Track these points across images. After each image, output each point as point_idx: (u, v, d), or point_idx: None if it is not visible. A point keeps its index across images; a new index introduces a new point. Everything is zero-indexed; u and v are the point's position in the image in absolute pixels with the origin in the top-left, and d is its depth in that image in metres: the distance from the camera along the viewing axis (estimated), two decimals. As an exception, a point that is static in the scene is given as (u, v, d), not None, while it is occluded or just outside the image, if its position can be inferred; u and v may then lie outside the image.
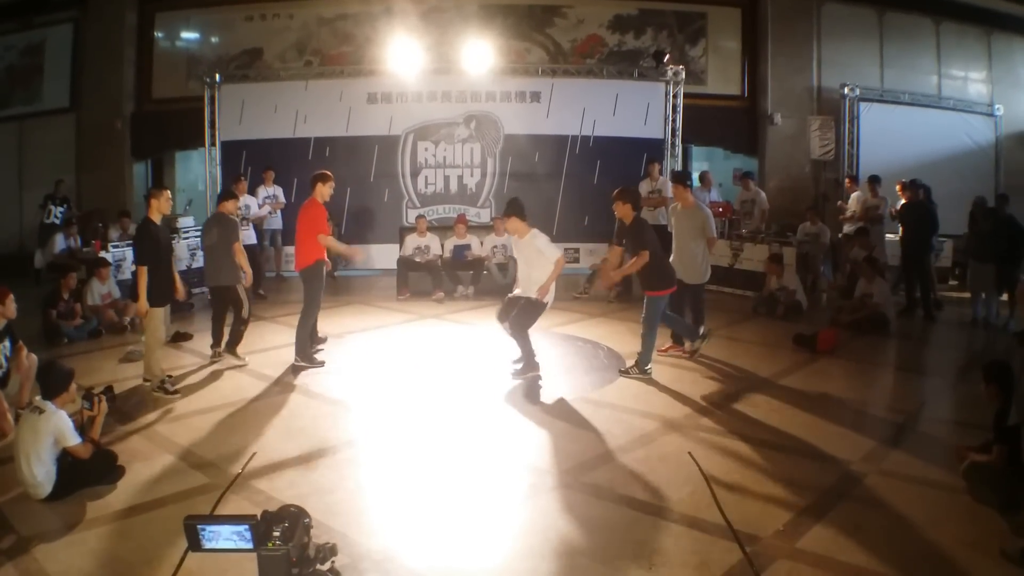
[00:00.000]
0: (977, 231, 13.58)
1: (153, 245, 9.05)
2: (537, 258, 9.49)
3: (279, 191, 16.29)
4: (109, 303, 12.38)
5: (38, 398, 6.42)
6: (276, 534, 3.37)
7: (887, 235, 14.92)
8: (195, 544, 3.40)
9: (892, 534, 5.59)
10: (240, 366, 10.16)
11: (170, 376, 9.30)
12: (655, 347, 9.96)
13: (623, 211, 9.72)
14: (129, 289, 11.68)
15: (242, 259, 10.34)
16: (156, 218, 9.17)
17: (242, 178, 15.35)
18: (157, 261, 9.08)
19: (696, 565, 5.15)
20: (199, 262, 14.19)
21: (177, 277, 9.85)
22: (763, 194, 16.68)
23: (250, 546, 3.35)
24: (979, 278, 13.24)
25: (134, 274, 9.41)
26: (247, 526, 3.34)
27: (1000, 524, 5.70)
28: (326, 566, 3.62)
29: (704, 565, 5.14)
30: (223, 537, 3.37)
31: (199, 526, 3.38)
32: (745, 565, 4.95)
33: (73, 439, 6.28)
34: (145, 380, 9.24)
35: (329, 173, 10.38)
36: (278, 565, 3.35)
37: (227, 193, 11.34)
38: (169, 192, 9.74)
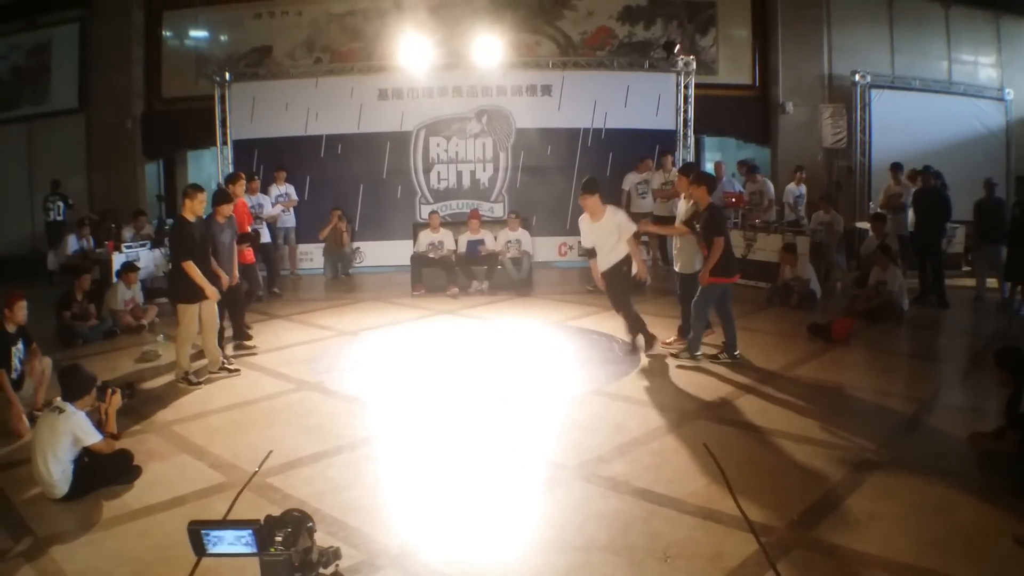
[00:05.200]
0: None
1: (188, 241, 9.23)
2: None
3: (291, 189, 16.30)
4: (130, 308, 12.41)
5: (58, 399, 6.46)
6: (278, 539, 3.39)
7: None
8: (199, 549, 3.42)
9: (906, 522, 5.57)
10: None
11: (228, 368, 9.79)
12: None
13: (699, 194, 9.84)
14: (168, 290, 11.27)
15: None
16: (189, 217, 9.35)
17: (255, 177, 15.37)
18: (191, 257, 9.20)
19: (711, 556, 5.15)
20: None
21: (221, 272, 9.97)
22: (771, 184, 16.70)
23: (254, 551, 3.37)
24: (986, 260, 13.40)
25: (168, 273, 9.49)
26: (250, 531, 3.36)
27: (1014, 510, 5.69)
28: (329, 570, 3.64)
29: (719, 556, 5.14)
30: (226, 542, 3.39)
31: (203, 531, 3.40)
32: (760, 556, 4.94)
33: (93, 437, 6.34)
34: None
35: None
36: (280, 570, 3.37)
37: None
38: (204, 195, 9.61)
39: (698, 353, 9.94)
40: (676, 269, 10.53)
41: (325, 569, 3.61)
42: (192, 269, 9.18)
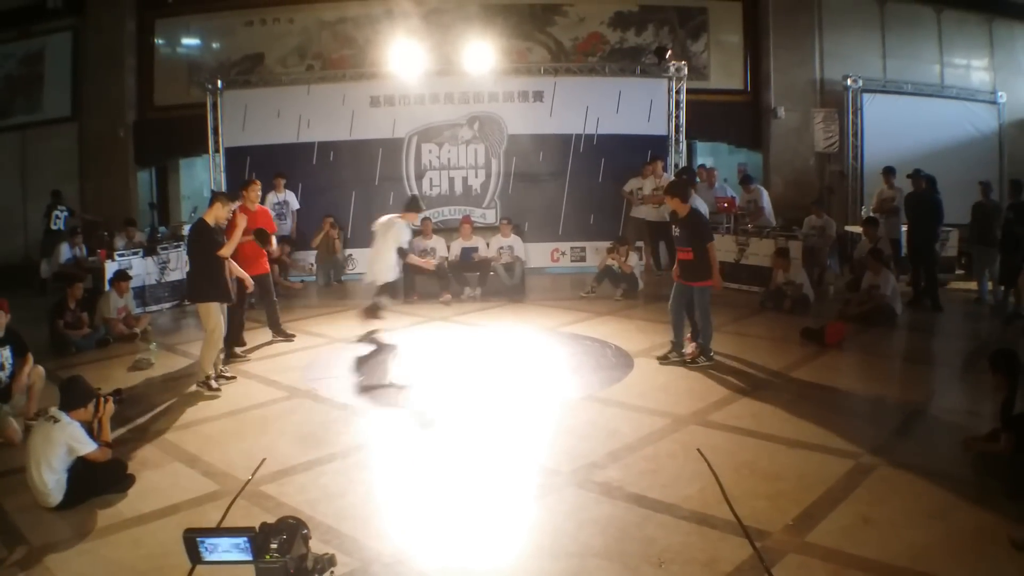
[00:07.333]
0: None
1: (214, 243, 9.32)
2: None
3: (291, 196, 16.24)
4: (123, 317, 12.36)
5: (53, 408, 6.44)
6: (274, 546, 3.38)
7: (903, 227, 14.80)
8: (195, 557, 3.42)
9: (902, 526, 5.58)
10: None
11: (224, 376, 9.69)
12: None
13: (675, 204, 9.93)
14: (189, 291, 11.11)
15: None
16: (211, 222, 9.41)
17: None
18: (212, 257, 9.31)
19: (706, 562, 5.14)
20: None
21: (242, 274, 10.30)
22: (765, 192, 16.69)
23: (249, 558, 3.37)
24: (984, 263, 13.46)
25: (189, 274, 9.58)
26: (246, 538, 3.36)
27: (1009, 512, 5.69)
28: None
29: (714, 562, 5.14)
30: (222, 549, 3.39)
31: (199, 539, 3.40)
32: (755, 560, 4.94)
33: (89, 446, 6.33)
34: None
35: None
36: None
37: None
38: (232, 206, 9.85)
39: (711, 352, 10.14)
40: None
41: (320, 576, 3.60)
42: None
